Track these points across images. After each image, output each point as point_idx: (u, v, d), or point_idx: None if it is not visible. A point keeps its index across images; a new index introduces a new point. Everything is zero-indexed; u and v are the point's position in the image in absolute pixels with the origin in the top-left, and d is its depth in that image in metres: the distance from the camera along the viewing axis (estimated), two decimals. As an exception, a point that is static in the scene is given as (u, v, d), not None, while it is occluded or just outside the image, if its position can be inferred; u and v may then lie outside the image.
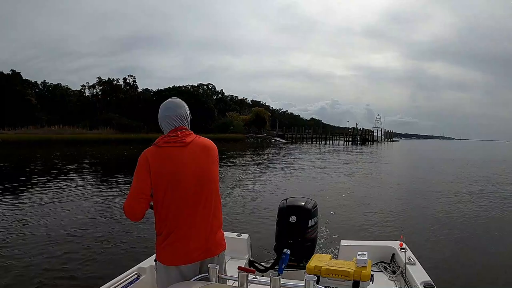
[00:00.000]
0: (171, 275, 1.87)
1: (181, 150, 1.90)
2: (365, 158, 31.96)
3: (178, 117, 1.99)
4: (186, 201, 1.88)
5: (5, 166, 18.87)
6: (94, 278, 4.41)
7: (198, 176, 1.90)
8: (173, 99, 2.06)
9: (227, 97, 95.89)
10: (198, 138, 1.99)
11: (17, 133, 47.19)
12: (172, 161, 1.88)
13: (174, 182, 1.87)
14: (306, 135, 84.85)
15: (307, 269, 2.53)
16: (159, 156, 1.88)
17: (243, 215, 7.92)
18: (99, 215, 7.90)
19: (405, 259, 2.90)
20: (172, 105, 2.03)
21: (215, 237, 1.96)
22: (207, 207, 1.93)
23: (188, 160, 1.90)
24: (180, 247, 1.87)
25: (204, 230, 1.91)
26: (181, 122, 2.00)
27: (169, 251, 1.89)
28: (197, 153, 1.93)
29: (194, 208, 1.89)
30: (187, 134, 1.96)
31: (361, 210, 8.88)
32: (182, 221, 1.88)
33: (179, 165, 1.88)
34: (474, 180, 15.85)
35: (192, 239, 1.88)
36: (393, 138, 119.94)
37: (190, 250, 1.88)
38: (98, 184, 13.44)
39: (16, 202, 9.15)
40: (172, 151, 1.89)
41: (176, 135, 1.93)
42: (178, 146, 1.90)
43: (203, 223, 1.91)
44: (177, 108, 2.02)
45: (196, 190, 1.89)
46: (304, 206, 3.38)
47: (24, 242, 5.88)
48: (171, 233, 1.88)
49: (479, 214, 8.76)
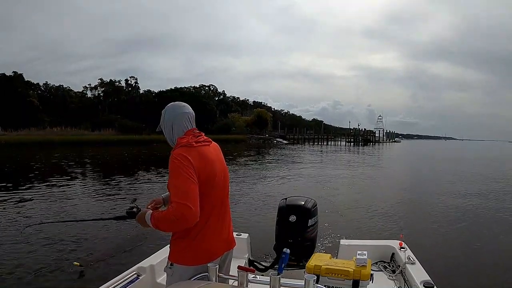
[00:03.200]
0: (194, 274, 1.81)
1: (209, 149, 1.93)
2: (366, 158, 31.89)
3: (193, 117, 2.00)
4: (217, 197, 1.92)
5: (7, 168, 18.92)
6: (94, 277, 4.42)
7: (224, 173, 1.99)
8: (179, 102, 2.04)
9: (228, 98, 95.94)
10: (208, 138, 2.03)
11: (19, 135, 47.21)
12: (208, 160, 1.85)
13: (209, 181, 1.84)
14: (307, 136, 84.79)
15: (307, 269, 2.53)
16: (198, 156, 1.81)
17: (243, 215, 7.92)
18: (99, 215, 7.89)
19: (405, 259, 2.89)
20: (185, 104, 2.02)
21: (232, 231, 2.09)
22: (227, 203, 2.05)
23: (215, 158, 1.94)
24: (210, 243, 1.86)
25: (229, 224, 2.03)
26: (194, 123, 2.00)
27: (198, 251, 1.84)
28: (217, 151, 2.02)
29: (223, 203, 1.98)
30: (203, 136, 1.97)
31: (361, 209, 8.87)
32: (214, 217, 1.89)
33: (212, 163, 1.88)
34: (475, 180, 15.82)
35: (221, 234, 1.94)
36: (395, 139, 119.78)
37: (218, 245, 1.92)
38: (98, 184, 13.47)
39: (16, 203, 9.17)
40: (204, 150, 1.88)
41: (200, 134, 1.95)
42: (207, 145, 1.92)
43: (228, 217, 2.03)
44: (188, 107, 2.01)
45: (223, 186, 1.98)
46: (304, 206, 3.39)
47: (24, 242, 5.89)
48: (200, 232, 1.83)
49: (479, 214, 8.76)
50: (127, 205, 2.16)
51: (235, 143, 51.67)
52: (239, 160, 24.51)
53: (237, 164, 21.34)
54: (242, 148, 40.85)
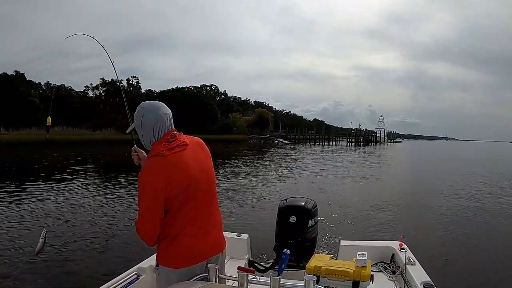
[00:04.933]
0: (179, 278, 1.76)
1: (184, 154, 1.79)
2: (368, 158, 31.85)
3: (171, 118, 1.89)
4: (199, 199, 1.82)
5: (7, 167, 18.94)
6: (94, 278, 4.42)
7: (207, 173, 1.88)
8: (152, 102, 1.92)
9: (230, 98, 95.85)
10: (189, 137, 1.91)
11: (20, 134, 47.27)
12: (182, 169, 1.76)
13: (186, 187, 1.76)
14: (309, 136, 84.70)
15: (307, 269, 2.54)
16: (170, 168, 1.72)
17: (243, 215, 7.92)
18: (99, 215, 7.92)
19: (405, 259, 2.89)
20: (163, 104, 1.90)
21: (221, 233, 1.99)
22: (214, 203, 1.94)
23: (193, 162, 1.82)
24: (192, 247, 1.80)
25: (216, 226, 1.93)
26: (171, 124, 1.88)
27: (179, 253, 1.79)
28: (197, 151, 1.88)
29: (208, 205, 1.88)
30: (179, 135, 1.86)
31: (361, 210, 8.87)
32: (196, 221, 1.81)
33: (188, 169, 1.77)
34: (475, 180, 15.79)
35: (205, 237, 1.84)
36: (396, 139, 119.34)
37: (201, 248, 1.83)
38: (98, 184, 13.50)
39: (17, 203, 9.18)
40: (178, 158, 1.76)
41: (174, 136, 1.83)
42: (182, 150, 1.79)
43: (214, 219, 1.93)
44: (167, 108, 1.90)
45: (207, 188, 1.87)
46: (304, 206, 3.39)
47: (24, 241, 5.90)
48: (180, 235, 1.78)
49: (480, 214, 8.75)
50: (128, 205, 2.17)
51: (236, 143, 51.61)
52: (240, 160, 24.51)
53: (238, 164, 21.35)
54: (243, 148, 40.84)
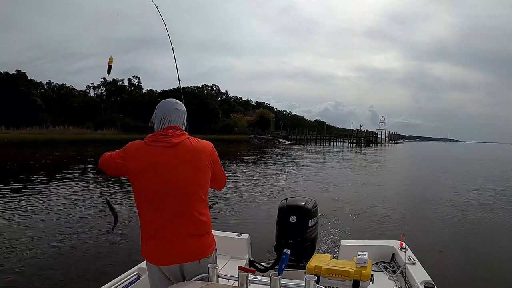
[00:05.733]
0: (158, 273, 1.87)
1: (167, 151, 1.81)
2: (368, 159, 31.84)
3: (175, 115, 1.92)
4: (165, 204, 1.80)
5: (9, 166, 18.97)
6: (94, 278, 4.42)
7: (179, 180, 1.81)
8: (172, 99, 2.00)
9: (231, 98, 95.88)
10: (191, 140, 1.88)
11: (22, 133, 47.42)
12: (155, 162, 1.80)
13: (155, 183, 1.79)
14: (310, 136, 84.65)
15: (307, 269, 2.54)
16: (145, 154, 1.81)
17: (244, 215, 7.92)
18: (99, 215, 7.90)
19: (405, 259, 2.90)
20: (171, 101, 1.97)
21: (193, 243, 1.83)
22: (189, 213, 1.83)
23: (172, 162, 1.81)
24: (158, 248, 1.82)
25: (185, 234, 1.82)
26: (176, 120, 1.92)
27: (149, 251, 1.85)
28: (183, 156, 1.82)
29: (176, 212, 1.82)
30: (178, 134, 1.87)
31: (361, 210, 8.85)
32: (163, 224, 1.81)
33: (162, 167, 1.79)
34: (476, 180, 15.79)
35: (167, 242, 1.80)
36: (397, 140, 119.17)
37: (159, 254, 1.82)
38: (98, 183, 13.48)
39: (17, 202, 9.15)
40: (157, 151, 1.81)
41: (166, 134, 1.85)
42: (164, 146, 1.81)
43: (185, 227, 1.82)
44: (176, 104, 1.95)
45: (177, 192, 1.80)
46: (304, 206, 3.39)
47: (24, 241, 5.90)
48: (150, 233, 1.83)
49: (480, 214, 8.75)
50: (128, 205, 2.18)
51: (237, 143, 51.62)
52: (240, 160, 24.51)
53: (239, 164, 21.34)
54: (244, 148, 40.85)
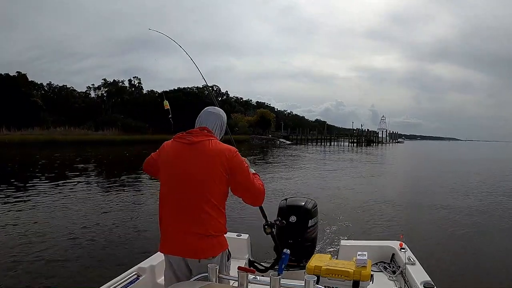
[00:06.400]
0: (165, 260, 2.03)
1: (185, 148, 1.94)
2: (369, 159, 31.80)
3: (207, 117, 2.08)
4: (172, 196, 1.93)
5: (10, 167, 19.00)
6: (94, 277, 4.42)
7: (188, 178, 1.89)
8: (212, 106, 2.19)
9: (231, 99, 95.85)
10: (211, 142, 1.94)
11: (23, 134, 47.38)
12: (169, 156, 1.98)
13: (170, 177, 1.95)
14: (311, 136, 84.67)
15: (307, 269, 2.55)
16: (169, 150, 2.00)
17: (244, 215, 7.90)
18: (99, 215, 7.93)
19: (405, 259, 2.90)
20: (210, 107, 2.17)
21: (192, 241, 1.88)
22: (191, 210, 1.88)
23: (187, 159, 1.91)
24: (164, 238, 1.96)
25: (188, 230, 1.88)
26: (207, 122, 2.06)
27: (161, 239, 1.99)
28: (198, 155, 1.90)
29: (182, 206, 1.90)
30: (201, 134, 1.97)
31: (361, 210, 8.86)
32: (168, 215, 1.95)
33: (172, 160, 1.96)
34: (476, 180, 15.74)
35: (173, 234, 1.91)
36: (398, 139, 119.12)
37: (168, 244, 1.95)
38: (98, 184, 13.51)
39: (18, 203, 9.20)
40: (178, 147, 1.97)
41: (191, 132, 2.00)
42: (183, 143, 1.95)
43: (190, 223, 1.88)
44: (211, 108, 2.14)
45: (185, 188, 1.89)
46: (304, 206, 3.40)
47: (24, 241, 5.92)
48: (162, 223, 1.97)
49: (479, 214, 8.73)
50: (128, 205, 2.22)
51: (238, 143, 51.03)
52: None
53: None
54: (245, 149, 40.82)
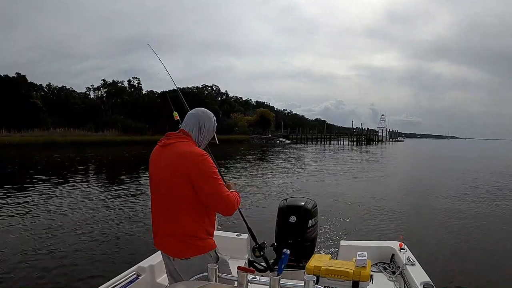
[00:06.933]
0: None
1: (159, 150, 2.01)
2: (369, 158, 31.80)
3: (187, 119, 2.09)
4: (154, 196, 2.02)
5: (10, 168, 19.01)
6: (94, 277, 4.44)
7: (160, 180, 1.97)
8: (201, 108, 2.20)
9: (231, 98, 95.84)
10: (182, 144, 1.95)
11: (23, 136, 47.38)
12: (151, 159, 2.05)
13: (150, 178, 2.05)
14: (310, 135, 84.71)
15: (307, 269, 2.55)
16: (152, 152, 2.07)
17: (243, 215, 7.90)
18: (99, 215, 7.93)
19: (405, 260, 2.90)
20: (197, 109, 2.17)
21: (172, 242, 1.95)
22: (169, 210, 1.94)
23: (159, 161, 1.98)
24: (154, 235, 2.05)
25: (169, 229, 1.95)
26: (186, 124, 2.06)
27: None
28: (167, 158, 1.94)
29: (161, 206, 1.98)
30: (175, 136, 2.01)
31: (361, 210, 8.84)
32: (153, 213, 2.04)
33: (153, 164, 2.03)
34: (476, 180, 15.71)
35: (158, 232, 2.02)
36: (398, 138, 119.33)
37: (156, 240, 2.04)
38: (98, 184, 13.52)
39: (17, 203, 9.20)
40: (156, 149, 2.05)
41: (167, 135, 2.03)
42: (159, 145, 2.02)
43: (170, 223, 1.94)
44: (193, 110, 2.15)
45: (161, 190, 1.96)
46: (304, 206, 3.40)
47: (24, 241, 5.93)
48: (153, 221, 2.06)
49: (479, 214, 8.69)
50: (128, 204, 2.24)
51: (238, 143, 51.62)
52: (241, 160, 24.52)
53: (239, 164, 21.37)
54: (245, 148, 40.86)
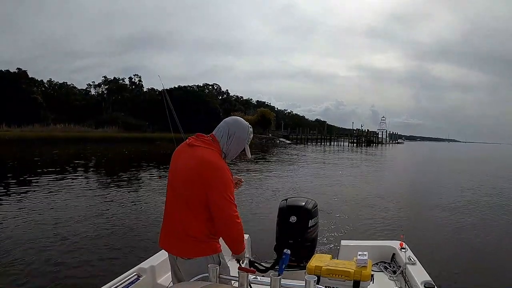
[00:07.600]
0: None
1: (184, 148, 2.01)
2: (369, 159, 31.81)
3: (218, 126, 2.08)
4: (170, 191, 2.02)
5: (9, 164, 18.97)
6: (94, 278, 4.40)
7: (178, 180, 1.96)
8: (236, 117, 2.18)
9: (232, 98, 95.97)
10: (204, 150, 1.94)
11: (23, 131, 47.46)
12: (174, 156, 2.05)
13: (169, 172, 2.04)
14: (311, 136, 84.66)
15: (308, 269, 2.54)
16: (176, 150, 2.08)
17: (243, 215, 7.84)
18: (99, 215, 7.88)
19: (406, 259, 2.90)
20: (230, 118, 2.16)
21: (176, 241, 1.95)
22: (179, 209, 1.94)
23: (184, 160, 1.96)
24: (161, 233, 2.05)
25: (176, 227, 1.95)
26: (216, 131, 2.05)
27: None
28: (188, 158, 1.94)
29: (173, 202, 1.99)
30: (202, 140, 1.99)
31: (362, 210, 8.84)
32: (165, 209, 2.03)
33: (176, 160, 2.02)
34: (476, 181, 15.75)
35: (165, 228, 2.02)
36: (398, 140, 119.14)
37: (162, 238, 2.04)
38: (98, 182, 13.46)
39: (16, 201, 9.12)
40: (181, 147, 2.05)
41: (197, 136, 2.03)
42: (186, 143, 2.02)
43: (178, 221, 1.94)
44: (227, 119, 2.13)
45: (176, 187, 1.97)
46: (304, 206, 3.39)
47: (24, 241, 5.88)
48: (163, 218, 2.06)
49: (479, 214, 8.73)
50: (128, 204, 2.23)
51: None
52: (240, 160, 24.49)
53: (239, 164, 21.34)
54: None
